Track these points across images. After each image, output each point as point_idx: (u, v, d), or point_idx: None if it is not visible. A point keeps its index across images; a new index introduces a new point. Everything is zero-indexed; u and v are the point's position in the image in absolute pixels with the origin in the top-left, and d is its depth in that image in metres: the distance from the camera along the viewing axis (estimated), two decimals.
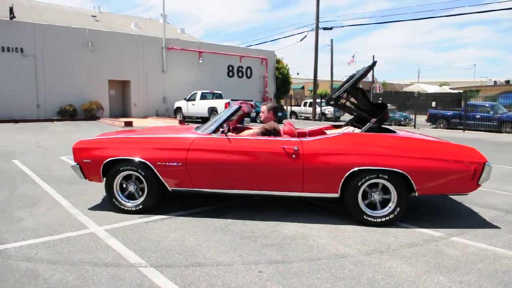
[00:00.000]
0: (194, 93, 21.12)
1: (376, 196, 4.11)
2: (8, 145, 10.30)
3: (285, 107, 30.27)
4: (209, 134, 4.33)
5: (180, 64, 24.24)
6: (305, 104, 29.62)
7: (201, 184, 4.30)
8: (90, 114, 20.03)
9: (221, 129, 4.28)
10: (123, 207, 4.43)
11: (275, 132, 4.47)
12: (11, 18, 18.08)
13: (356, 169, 3.98)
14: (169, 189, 4.38)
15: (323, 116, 27.59)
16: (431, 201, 5.09)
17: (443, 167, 3.96)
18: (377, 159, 3.97)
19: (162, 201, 4.75)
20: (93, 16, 27.65)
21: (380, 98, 30.60)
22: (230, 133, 4.52)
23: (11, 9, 17.69)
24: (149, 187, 4.36)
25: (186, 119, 20.85)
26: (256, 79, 28.56)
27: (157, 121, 19.87)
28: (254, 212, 4.51)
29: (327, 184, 4.10)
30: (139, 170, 4.32)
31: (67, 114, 19.48)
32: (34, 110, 18.96)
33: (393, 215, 4.06)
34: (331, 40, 58.73)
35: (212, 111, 19.57)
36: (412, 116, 21.97)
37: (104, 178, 4.46)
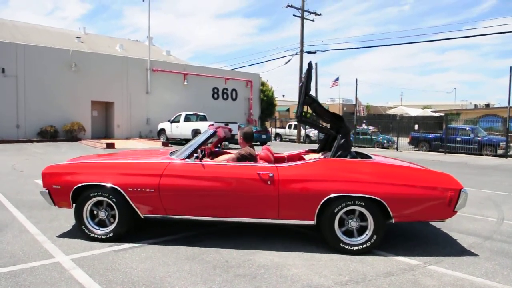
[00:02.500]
0: (178, 115, 21.03)
1: (353, 223, 4.04)
2: None
3: (270, 129, 30.45)
4: (183, 159, 4.23)
5: (165, 86, 24.22)
6: (289, 127, 29.80)
7: (175, 211, 4.17)
8: (72, 135, 19.69)
9: (195, 155, 4.19)
10: (92, 234, 4.26)
11: (251, 158, 4.41)
12: None
13: (332, 195, 3.92)
14: (141, 216, 4.23)
15: (307, 138, 27.74)
16: (409, 227, 5.05)
17: (419, 194, 3.93)
18: (354, 186, 3.93)
19: (134, 228, 4.59)
20: (77, 37, 27.64)
21: (364, 121, 31.03)
22: (205, 158, 4.44)
23: None
24: (120, 214, 4.21)
25: (170, 141, 20.68)
26: (241, 101, 28.67)
27: (140, 143, 19.66)
28: (230, 240, 4.38)
29: (303, 211, 4.02)
30: (110, 196, 4.18)
31: (48, 135, 19.10)
32: (13, 130, 18.55)
33: (370, 242, 3.99)
34: (316, 64, 59.37)
35: (196, 133, 19.44)
36: (395, 139, 22.25)
37: (74, 204, 4.30)
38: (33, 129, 19.03)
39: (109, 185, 4.15)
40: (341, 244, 4.01)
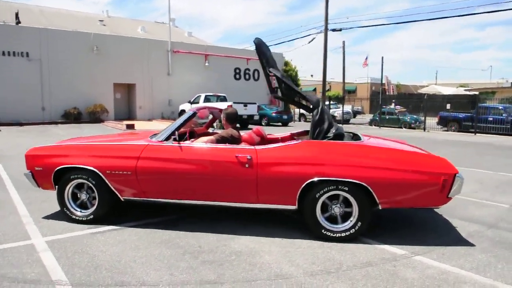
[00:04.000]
0: (198, 96, 21.02)
1: (337, 209, 3.79)
2: (2, 149, 10.32)
3: (292, 110, 29.96)
4: (161, 141, 4.09)
5: (186, 67, 24.19)
6: None
7: (153, 194, 4.07)
8: (95, 117, 20.15)
9: (172, 137, 4.04)
10: (74, 216, 4.24)
11: (233, 140, 4.21)
12: (16, 23, 18.35)
13: (313, 179, 3.67)
14: (121, 198, 4.16)
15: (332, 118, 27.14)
16: (407, 212, 4.73)
17: (408, 179, 3.61)
18: (336, 169, 3.66)
19: (119, 210, 4.55)
20: (100, 20, 27.93)
21: (394, 100, 29.92)
22: (187, 141, 4.29)
23: (16, 15, 17.96)
24: (100, 197, 4.16)
25: None
26: (263, 82, 28.24)
27: (161, 124, 19.79)
28: (212, 224, 4.25)
29: (283, 195, 3.81)
30: (90, 179, 4.12)
31: (72, 117, 19.63)
32: (39, 113, 19.17)
33: (354, 229, 3.73)
34: (343, 42, 57.88)
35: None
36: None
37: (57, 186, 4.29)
38: (57, 111, 19.60)
39: (87, 167, 4.09)
40: (323, 230, 3.78)
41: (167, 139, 4.08)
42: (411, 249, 3.60)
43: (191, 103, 21.22)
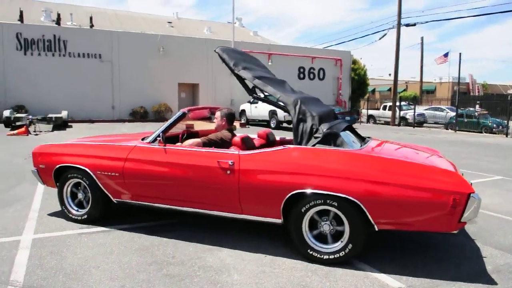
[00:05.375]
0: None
1: (326, 227, 3.31)
2: None
3: (361, 111, 28.53)
4: (148, 143, 3.95)
5: None
6: (384, 108, 27.43)
7: (141, 197, 3.95)
8: (159, 115, 21.11)
9: (158, 138, 3.87)
10: (70, 215, 4.29)
11: (222, 143, 3.92)
12: (90, 27, 19.91)
13: (297, 191, 3.24)
14: (114, 200, 4.10)
15: (403, 121, 25.30)
16: (427, 234, 4.01)
17: (409, 197, 3.01)
18: (323, 181, 3.18)
19: (120, 212, 4.53)
20: (168, 22, 29.25)
21: (478, 102, 27.03)
22: (178, 143, 4.10)
23: (91, 19, 19.47)
24: (93, 197, 4.15)
25: (249, 122, 20.77)
26: (329, 81, 27.35)
27: None
28: (201, 231, 4.01)
29: (267, 207, 3.43)
30: (84, 179, 4.13)
31: (138, 115, 20.79)
32: (109, 111, 20.62)
33: (343, 252, 3.21)
34: (421, 38, 53.66)
35: (273, 114, 19.14)
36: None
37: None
38: (126, 110, 20.91)
39: (81, 167, 4.10)
40: (309, 250, 3.32)
41: (154, 140, 3.92)
42: (411, 282, 2.99)
43: (251, 103, 21.21)
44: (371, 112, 28.24)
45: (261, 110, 20.17)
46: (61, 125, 15.91)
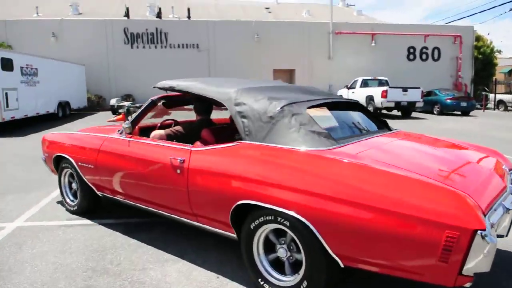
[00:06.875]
0: (355, 80, 19.29)
1: (282, 252, 2.49)
2: None
3: (489, 95, 24.21)
4: (119, 134, 3.59)
5: (349, 49, 22.61)
6: None
7: (116, 193, 3.63)
8: None
9: (119, 130, 3.47)
10: (66, 205, 4.24)
11: (193, 136, 3.33)
12: (188, 18, 20.78)
13: (243, 202, 2.50)
14: (98, 193, 3.88)
15: None
16: None
17: (380, 224, 2.01)
18: (272, 191, 2.36)
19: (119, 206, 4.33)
20: (266, 8, 28.84)
21: None
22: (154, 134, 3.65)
23: (188, 10, 20.29)
24: (80, 188, 4.00)
25: None
26: (445, 62, 23.88)
27: (317, 110, 19.09)
28: (172, 236, 3.54)
29: (216, 217, 2.76)
30: (73, 169, 4.01)
31: None
32: None
33: None
34: None
35: (370, 100, 17.44)
36: None
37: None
38: None
39: (68, 157, 3.98)
40: (260, 280, 2.56)
41: (122, 132, 3.54)
42: None
43: (348, 88, 19.72)
44: (500, 96, 23.72)
45: (358, 95, 18.57)
46: None
